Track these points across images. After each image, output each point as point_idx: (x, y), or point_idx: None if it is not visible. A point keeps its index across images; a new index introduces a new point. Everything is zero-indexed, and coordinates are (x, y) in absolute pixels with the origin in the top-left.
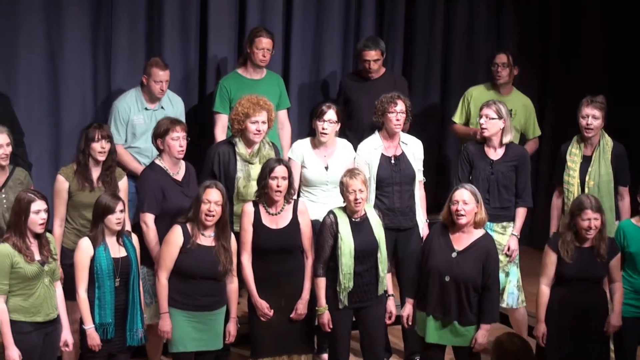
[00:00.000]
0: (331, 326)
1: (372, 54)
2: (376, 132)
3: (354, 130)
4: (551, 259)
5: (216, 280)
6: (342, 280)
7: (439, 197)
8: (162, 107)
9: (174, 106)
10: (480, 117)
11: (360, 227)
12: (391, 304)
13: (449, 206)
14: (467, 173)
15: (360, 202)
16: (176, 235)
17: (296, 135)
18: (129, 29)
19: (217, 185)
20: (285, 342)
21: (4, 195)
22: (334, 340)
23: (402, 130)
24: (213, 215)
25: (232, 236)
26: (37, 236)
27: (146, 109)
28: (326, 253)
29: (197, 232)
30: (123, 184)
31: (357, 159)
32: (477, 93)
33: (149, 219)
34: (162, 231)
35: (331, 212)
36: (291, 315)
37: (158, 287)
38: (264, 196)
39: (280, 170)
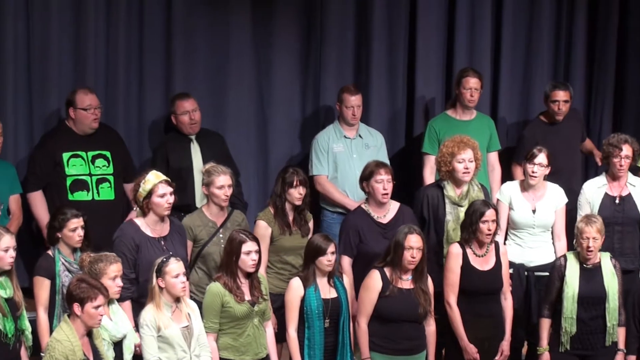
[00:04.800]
0: None
1: (562, 95)
2: (603, 173)
3: (550, 175)
4: None
5: (417, 322)
6: (564, 324)
7: None
8: (360, 136)
9: (374, 136)
10: None
11: (591, 274)
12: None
13: None
14: None
15: (592, 251)
16: (375, 280)
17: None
18: (336, 71)
19: (416, 229)
20: None
21: (221, 236)
22: None
23: None
24: (415, 261)
25: (429, 278)
26: (249, 276)
27: (345, 136)
28: (552, 295)
29: (397, 276)
30: (311, 225)
31: (580, 197)
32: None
33: (344, 261)
34: (360, 273)
35: (564, 255)
36: (496, 358)
37: (358, 332)
38: (472, 239)
39: (490, 214)
